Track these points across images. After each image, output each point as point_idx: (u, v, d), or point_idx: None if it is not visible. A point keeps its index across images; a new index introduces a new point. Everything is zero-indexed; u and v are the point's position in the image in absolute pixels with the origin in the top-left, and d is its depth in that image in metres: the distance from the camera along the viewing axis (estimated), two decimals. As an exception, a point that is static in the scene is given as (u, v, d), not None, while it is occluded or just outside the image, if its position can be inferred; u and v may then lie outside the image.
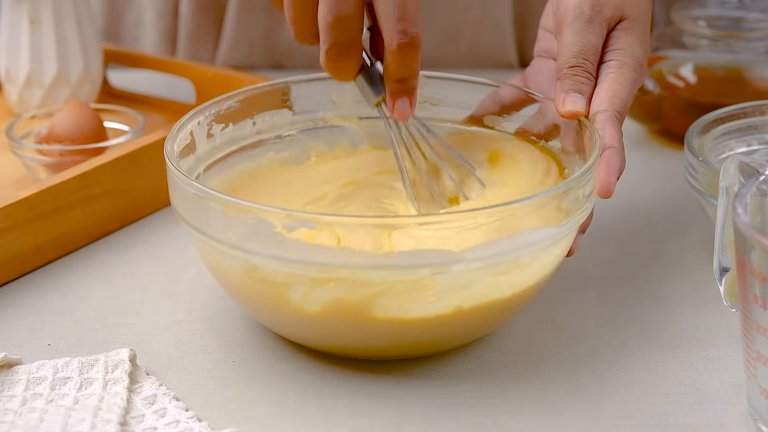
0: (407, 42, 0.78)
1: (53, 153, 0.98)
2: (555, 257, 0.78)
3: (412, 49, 0.78)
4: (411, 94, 0.81)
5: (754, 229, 0.68)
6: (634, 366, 0.79)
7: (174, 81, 1.14)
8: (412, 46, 0.78)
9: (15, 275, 0.88)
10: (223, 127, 0.86)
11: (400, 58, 0.78)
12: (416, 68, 0.80)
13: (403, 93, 0.81)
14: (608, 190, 0.79)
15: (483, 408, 0.75)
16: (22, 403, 0.74)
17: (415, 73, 0.80)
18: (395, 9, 0.77)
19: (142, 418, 0.74)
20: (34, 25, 1.07)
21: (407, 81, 0.80)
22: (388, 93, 0.81)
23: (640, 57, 0.85)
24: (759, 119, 0.93)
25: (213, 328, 0.83)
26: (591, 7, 0.84)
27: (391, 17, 0.77)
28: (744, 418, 0.74)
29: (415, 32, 0.78)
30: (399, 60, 0.79)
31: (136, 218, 0.96)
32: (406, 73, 0.80)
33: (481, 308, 0.76)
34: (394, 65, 0.79)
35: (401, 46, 0.78)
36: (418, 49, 0.78)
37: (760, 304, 0.69)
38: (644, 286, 0.87)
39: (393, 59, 0.79)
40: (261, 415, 0.75)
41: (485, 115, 0.89)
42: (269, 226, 0.73)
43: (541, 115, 0.87)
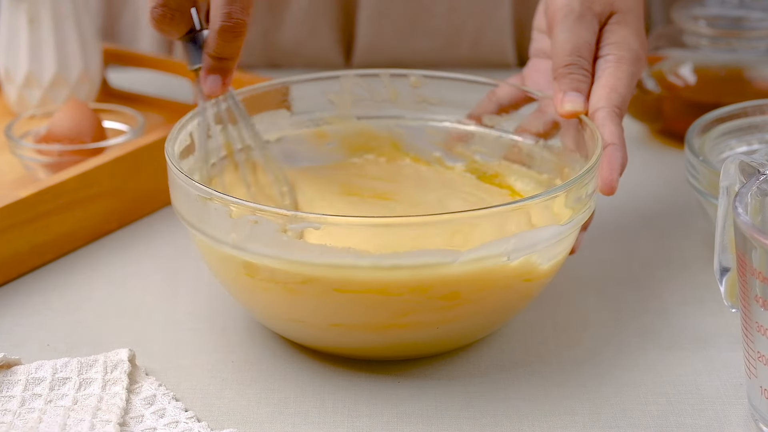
0: (230, 26, 0.79)
1: (52, 153, 0.98)
2: (558, 256, 0.78)
3: (234, 35, 0.79)
4: (226, 73, 0.82)
5: (755, 228, 0.68)
6: (634, 366, 0.79)
7: (174, 81, 1.14)
8: (234, 31, 0.79)
9: (14, 275, 0.88)
10: (222, 128, 0.86)
11: (222, 39, 0.80)
12: (236, 51, 0.81)
13: (217, 70, 0.81)
14: (611, 188, 0.79)
15: (483, 408, 0.75)
16: (21, 403, 0.74)
17: (234, 55, 0.81)
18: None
19: (141, 418, 0.74)
20: (33, 24, 1.07)
21: (225, 60, 0.81)
22: (204, 67, 0.82)
23: (636, 49, 0.84)
24: (759, 119, 0.93)
25: (213, 328, 0.83)
26: (580, 4, 0.84)
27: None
28: (744, 418, 0.74)
29: (241, 18, 0.79)
30: (219, 40, 0.80)
31: (135, 218, 0.96)
32: (225, 54, 0.81)
33: (482, 308, 0.76)
34: (214, 43, 0.80)
35: (224, 29, 0.79)
36: (240, 36, 0.80)
37: (760, 304, 0.69)
38: (644, 286, 0.87)
39: (214, 37, 0.80)
40: (261, 415, 0.75)
41: (483, 114, 0.89)
42: (271, 226, 0.73)
43: (540, 113, 0.87)
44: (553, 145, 0.86)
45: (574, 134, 0.84)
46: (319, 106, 0.91)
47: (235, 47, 0.80)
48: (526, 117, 0.88)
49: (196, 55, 0.82)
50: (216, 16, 0.79)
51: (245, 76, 1.08)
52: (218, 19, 0.79)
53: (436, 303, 0.74)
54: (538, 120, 0.87)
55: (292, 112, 0.90)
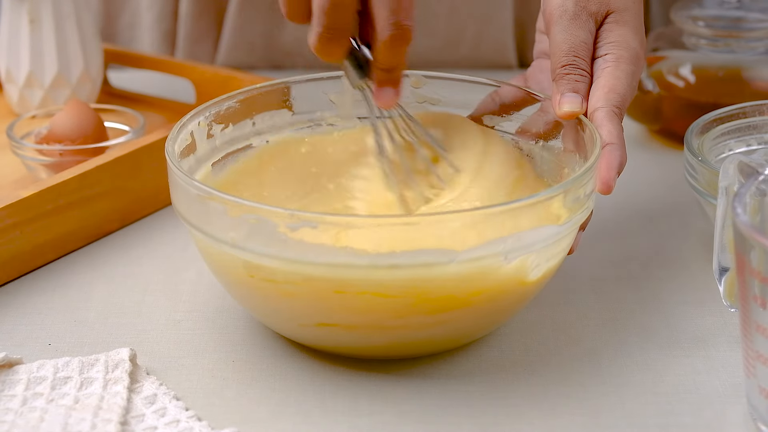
0: (399, 34, 0.78)
1: (53, 153, 0.98)
2: (556, 256, 0.78)
3: (403, 42, 0.78)
4: (397, 83, 0.81)
5: (754, 228, 0.68)
6: (634, 366, 0.79)
7: (174, 81, 1.15)
8: (403, 38, 0.78)
9: (15, 275, 0.88)
10: (223, 128, 0.86)
11: (390, 48, 0.79)
12: (404, 59, 0.80)
13: (389, 82, 0.81)
14: (608, 187, 0.79)
15: (483, 408, 0.75)
16: (22, 402, 0.74)
17: (403, 63, 0.80)
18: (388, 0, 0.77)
19: (142, 417, 0.74)
20: (35, 24, 1.07)
21: (394, 71, 0.81)
22: (375, 81, 0.81)
23: (635, 47, 0.84)
24: (758, 119, 0.93)
25: (213, 327, 0.83)
26: (575, 4, 0.84)
27: (385, 7, 0.77)
28: (743, 417, 0.74)
29: (408, 25, 0.78)
30: (389, 50, 0.79)
31: (136, 218, 0.96)
32: (394, 63, 0.80)
33: (482, 308, 0.76)
34: (383, 55, 0.79)
35: (393, 37, 0.78)
36: (408, 42, 0.79)
37: (759, 304, 0.69)
38: (644, 286, 0.87)
39: (383, 49, 0.79)
40: (261, 414, 0.75)
41: (485, 114, 0.89)
42: (271, 225, 0.73)
43: (542, 114, 0.87)
44: (553, 145, 0.86)
45: (574, 135, 0.84)
46: (320, 106, 0.91)
47: (403, 56, 0.79)
48: (528, 118, 0.88)
49: (359, 72, 0.81)
50: (384, 27, 0.77)
51: (246, 76, 1.08)
52: (387, 30, 0.77)
53: (435, 303, 0.75)
54: (539, 121, 0.87)
55: (293, 112, 0.90)
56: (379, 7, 0.78)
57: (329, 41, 0.79)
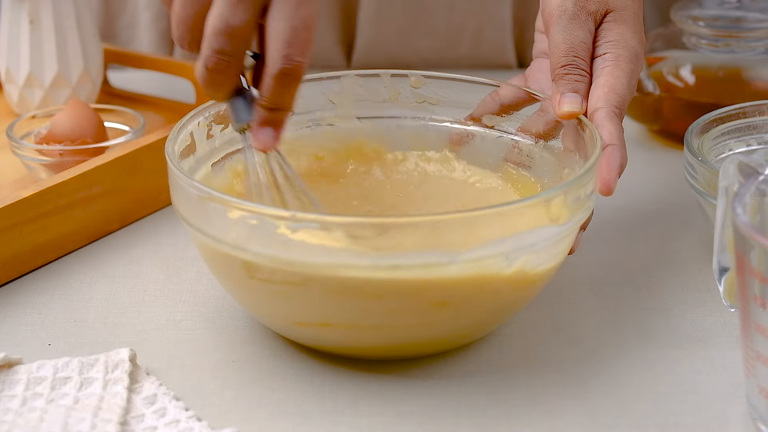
0: (290, 69, 0.74)
1: (53, 153, 0.98)
2: (557, 256, 0.78)
3: (293, 79, 0.74)
4: (279, 125, 0.77)
5: (754, 229, 0.68)
6: (634, 366, 0.79)
7: (174, 81, 1.14)
8: (293, 75, 0.74)
9: (15, 275, 0.88)
10: (222, 128, 0.86)
11: (279, 85, 0.75)
12: (291, 101, 0.76)
13: (271, 123, 0.77)
14: (609, 188, 0.79)
15: (483, 408, 0.75)
16: (22, 402, 0.74)
17: (289, 105, 0.76)
18: (286, 32, 0.73)
19: (142, 417, 0.74)
20: (34, 25, 1.07)
21: (278, 112, 0.77)
22: (257, 120, 0.77)
23: (634, 46, 0.84)
24: (758, 119, 0.93)
25: (213, 328, 0.83)
26: (574, 3, 0.84)
27: (280, 40, 0.73)
28: (743, 417, 0.74)
29: (300, 62, 0.74)
30: (277, 87, 0.75)
31: (136, 218, 0.96)
32: (280, 104, 0.76)
33: (482, 308, 0.76)
34: (270, 92, 0.75)
35: (283, 72, 0.74)
36: (298, 80, 0.75)
37: (759, 304, 0.69)
38: (643, 286, 0.87)
39: (271, 85, 0.75)
40: (261, 415, 0.75)
41: (485, 114, 0.89)
42: (271, 226, 0.73)
43: (541, 114, 0.87)
44: (553, 145, 0.86)
45: (574, 135, 0.84)
46: (320, 106, 0.91)
47: (291, 95, 0.75)
48: (528, 118, 0.88)
49: (244, 112, 0.78)
50: (275, 60, 0.74)
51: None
52: (278, 63, 0.73)
53: (435, 303, 0.75)
54: (539, 121, 0.87)
55: (293, 112, 0.90)
56: (274, 40, 0.74)
57: (217, 68, 0.74)
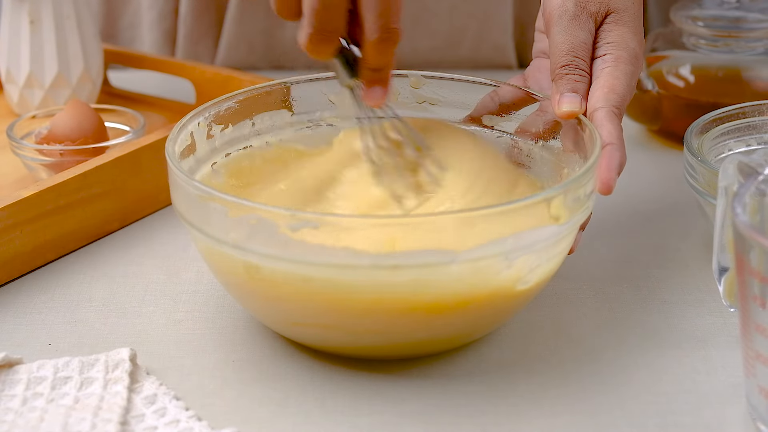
0: (386, 36, 0.78)
1: (54, 153, 0.98)
2: (556, 256, 0.78)
3: (391, 44, 0.79)
4: (385, 83, 0.81)
5: (753, 228, 0.68)
6: (634, 366, 0.79)
7: (174, 81, 1.15)
8: (390, 41, 0.79)
9: (15, 275, 0.88)
10: (222, 128, 0.86)
11: (378, 50, 0.79)
12: (392, 59, 0.80)
13: (378, 82, 0.81)
14: (609, 187, 0.79)
15: (483, 408, 0.75)
16: (22, 402, 0.74)
17: (391, 63, 0.81)
18: (378, 2, 0.77)
19: (142, 417, 0.74)
20: (35, 25, 1.07)
21: (382, 71, 0.81)
22: (364, 80, 0.81)
23: (634, 48, 0.84)
24: (758, 119, 0.93)
25: (213, 327, 0.83)
26: (575, 4, 0.84)
27: (373, 10, 0.78)
28: (743, 417, 0.74)
29: (395, 27, 0.78)
30: (376, 51, 0.79)
31: (136, 218, 0.96)
32: (383, 64, 0.80)
33: (482, 308, 0.76)
34: (371, 55, 0.80)
35: (381, 40, 0.78)
36: (395, 44, 0.79)
37: (758, 304, 0.69)
38: (644, 286, 0.87)
39: (371, 50, 0.79)
40: (261, 414, 0.75)
41: (484, 114, 0.89)
42: (272, 226, 0.73)
43: (541, 114, 0.87)
44: (553, 145, 0.86)
45: (574, 135, 0.84)
46: (320, 106, 0.91)
47: (391, 56, 0.80)
48: (527, 117, 0.88)
49: (349, 71, 0.81)
50: (372, 30, 0.78)
51: (246, 76, 1.08)
52: (375, 32, 0.78)
53: (435, 303, 0.75)
54: (539, 120, 0.87)
55: (293, 113, 0.90)
56: (367, 10, 0.78)
57: (319, 42, 0.79)
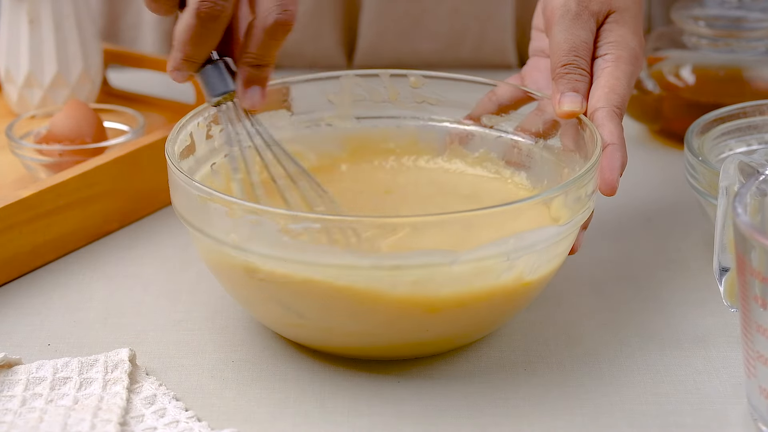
0: (285, 19, 0.76)
1: (53, 153, 0.98)
2: (557, 256, 0.78)
3: (285, 30, 0.77)
4: (264, 82, 0.80)
5: (754, 228, 0.68)
6: (634, 366, 0.79)
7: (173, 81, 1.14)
8: (286, 25, 0.77)
9: (15, 275, 0.88)
10: (222, 128, 0.86)
11: (270, 37, 0.77)
12: (275, 56, 0.79)
13: (257, 81, 0.80)
14: (612, 188, 0.79)
15: (483, 408, 0.75)
16: (21, 403, 0.74)
17: (273, 60, 0.79)
18: None
19: (141, 418, 0.74)
20: (34, 25, 1.07)
21: (264, 68, 0.79)
22: (242, 81, 0.80)
23: (634, 48, 0.85)
24: (759, 119, 0.93)
25: (213, 328, 0.83)
26: (577, 3, 0.84)
27: None
28: (744, 417, 0.74)
29: (293, 11, 0.76)
30: (268, 38, 0.77)
31: (135, 218, 0.96)
32: (268, 57, 0.79)
33: (482, 308, 0.76)
34: (260, 44, 0.78)
35: (278, 22, 0.76)
36: (288, 32, 0.77)
37: (759, 304, 0.69)
38: (644, 286, 0.87)
39: (262, 37, 0.77)
40: (261, 415, 0.75)
41: (483, 114, 0.89)
42: (272, 226, 0.73)
43: (539, 113, 0.87)
44: (553, 145, 0.86)
45: (574, 135, 0.84)
46: (319, 106, 0.91)
47: (277, 48, 0.78)
48: (526, 117, 0.88)
49: (220, 82, 0.80)
50: (268, 10, 0.76)
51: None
52: (272, 13, 0.76)
53: (436, 303, 0.75)
54: (538, 120, 0.87)
55: (292, 113, 0.90)
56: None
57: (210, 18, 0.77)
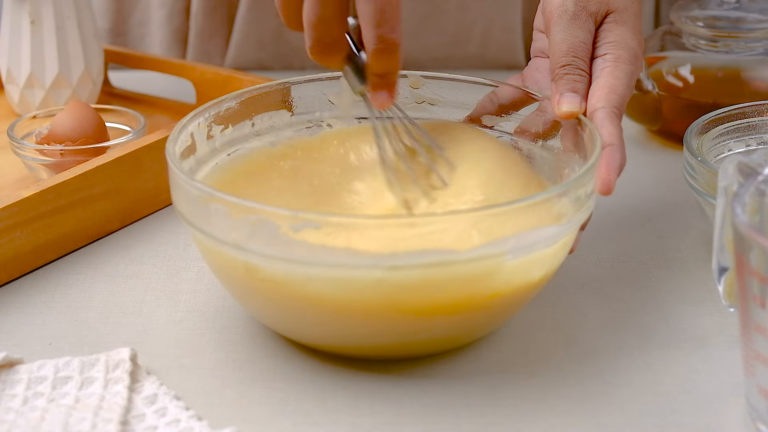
0: (384, 48, 0.78)
1: (54, 153, 0.98)
2: (556, 256, 0.78)
3: (390, 53, 0.79)
4: (391, 87, 0.81)
5: (753, 229, 0.68)
6: (634, 366, 0.79)
7: (174, 81, 1.15)
8: (389, 51, 0.78)
9: (16, 275, 0.88)
10: (222, 129, 0.86)
11: (379, 59, 0.79)
12: (396, 65, 0.80)
13: (383, 87, 0.81)
14: (609, 188, 0.79)
15: (483, 408, 0.75)
16: (23, 402, 0.74)
17: (395, 69, 0.80)
18: (373, 13, 0.77)
19: (142, 417, 0.74)
20: (35, 25, 1.07)
21: (387, 76, 0.81)
22: (370, 85, 0.81)
23: (634, 48, 0.85)
24: (757, 119, 0.93)
25: (213, 327, 0.83)
26: (575, 4, 0.84)
27: (369, 21, 0.77)
28: (743, 417, 0.74)
29: (393, 38, 0.78)
30: (377, 60, 0.79)
31: (136, 218, 0.96)
32: (386, 70, 0.80)
33: (482, 308, 0.76)
34: (374, 63, 0.80)
35: (379, 51, 0.78)
36: (396, 52, 0.79)
37: (758, 304, 0.69)
38: (644, 286, 0.87)
39: (372, 59, 0.79)
40: (261, 414, 0.75)
41: (483, 115, 0.89)
42: (273, 226, 0.73)
43: (540, 113, 0.87)
44: (553, 145, 0.86)
45: (573, 135, 0.84)
46: (319, 106, 0.91)
47: (394, 63, 0.80)
48: (526, 117, 0.88)
49: (359, 78, 0.82)
50: (369, 41, 0.78)
51: (246, 76, 1.08)
52: (372, 43, 0.78)
53: (436, 303, 0.75)
54: (538, 120, 0.87)
55: (293, 113, 0.90)
56: (364, 21, 0.78)
57: (321, 53, 0.79)
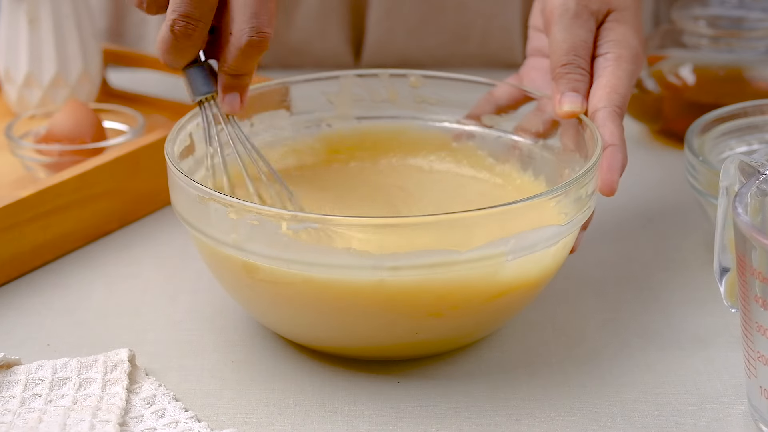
0: (257, 41, 0.78)
1: (52, 153, 0.98)
2: (557, 256, 0.78)
3: (259, 50, 0.78)
4: (243, 90, 0.81)
5: (755, 228, 0.68)
6: (635, 366, 0.79)
7: (173, 81, 1.14)
8: (260, 46, 0.78)
9: (14, 275, 0.88)
10: (220, 129, 0.86)
11: (245, 55, 0.78)
12: (254, 67, 0.80)
13: (236, 88, 0.81)
14: (611, 189, 0.79)
15: (483, 408, 0.75)
16: (21, 403, 0.74)
17: (252, 70, 0.80)
18: (252, 4, 0.77)
19: (141, 418, 0.74)
20: (33, 24, 1.07)
21: (243, 77, 0.80)
22: (221, 87, 0.81)
23: (635, 47, 0.84)
24: (759, 119, 0.93)
25: (213, 328, 0.83)
26: (576, 2, 0.84)
27: (246, 12, 0.77)
28: (744, 418, 0.74)
29: (267, 33, 0.78)
30: (242, 56, 0.79)
31: (135, 218, 0.96)
32: (245, 70, 0.80)
33: (483, 308, 0.76)
34: (235, 60, 0.79)
35: (250, 44, 0.78)
36: (263, 50, 0.79)
37: (760, 304, 0.69)
38: (644, 286, 0.87)
39: (237, 54, 0.79)
40: (260, 415, 0.75)
41: (481, 114, 0.89)
42: (273, 227, 0.73)
43: (539, 112, 0.87)
44: (553, 145, 0.86)
45: (574, 134, 0.84)
46: (319, 106, 0.91)
47: (255, 62, 0.79)
48: (525, 116, 0.88)
49: (203, 83, 0.81)
50: (242, 31, 0.77)
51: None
52: (245, 34, 0.77)
53: (437, 303, 0.74)
54: (537, 119, 0.87)
55: (292, 113, 0.90)
56: (239, 11, 0.77)
57: (184, 31, 0.77)
